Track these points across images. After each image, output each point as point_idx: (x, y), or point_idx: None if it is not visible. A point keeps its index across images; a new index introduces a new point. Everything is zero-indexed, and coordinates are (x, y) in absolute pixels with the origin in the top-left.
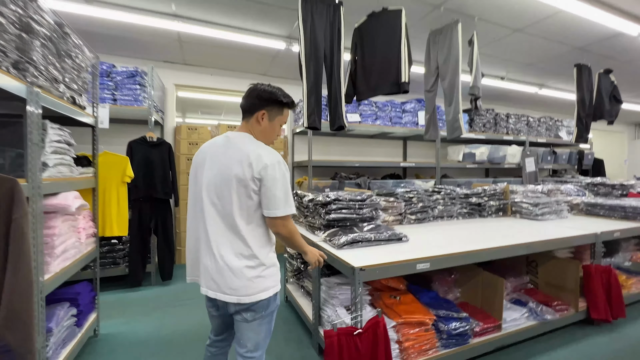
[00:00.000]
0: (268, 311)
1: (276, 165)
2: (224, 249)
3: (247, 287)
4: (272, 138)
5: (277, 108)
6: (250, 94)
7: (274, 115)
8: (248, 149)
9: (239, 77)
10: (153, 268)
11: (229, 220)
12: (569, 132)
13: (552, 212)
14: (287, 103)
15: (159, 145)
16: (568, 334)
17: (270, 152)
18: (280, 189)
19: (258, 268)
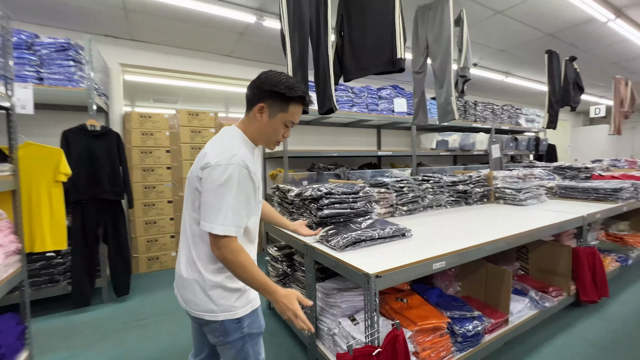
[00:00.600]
0: (231, 338)
1: (222, 167)
2: (181, 253)
3: (194, 302)
4: (273, 139)
5: (279, 102)
6: (254, 82)
7: (276, 110)
8: (209, 143)
9: (199, 57)
10: (104, 282)
11: (185, 220)
12: (528, 120)
13: (533, 196)
14: (292, 97)
15: (103, 136)
16: (562, 319)
17: (227, 150)
18: (216, 198)
19: (203, 284)
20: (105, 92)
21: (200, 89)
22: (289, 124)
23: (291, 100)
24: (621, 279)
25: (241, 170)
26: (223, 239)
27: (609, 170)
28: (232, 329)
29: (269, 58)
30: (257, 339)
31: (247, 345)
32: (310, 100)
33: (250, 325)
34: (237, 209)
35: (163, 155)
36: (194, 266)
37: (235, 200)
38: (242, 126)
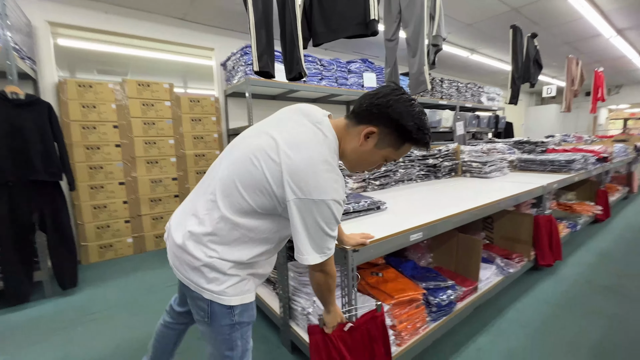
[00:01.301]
0: (217, 323)
1: (320, 203)
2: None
3: (181, 268)
4: (363, 168)
5: (396, 136)
6: (376, 96)
7: (387, 143)
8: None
9: (147, 19)
10: (45, 275)
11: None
12: (489, 98)
13: (497, 169)
14: (416, 139)
15: (30, 106)
16: (522, 282)
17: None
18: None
19: (198, 259)
20: (30, 55)
21: (151, 58)
22: (390, 158)
23: (410, 142)
24: (571, 243)
25: (339, 207)
26: (327, 264)
27: (560, 144)
28: (221, 314)
29: (228, 23)
30: (247, 328)
31: (236, 334)
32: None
33: (241, 313)
34: (332, 239)
35: (110, 131)
36: (199, 242)
37: (328, 230)
38: (338, 132)
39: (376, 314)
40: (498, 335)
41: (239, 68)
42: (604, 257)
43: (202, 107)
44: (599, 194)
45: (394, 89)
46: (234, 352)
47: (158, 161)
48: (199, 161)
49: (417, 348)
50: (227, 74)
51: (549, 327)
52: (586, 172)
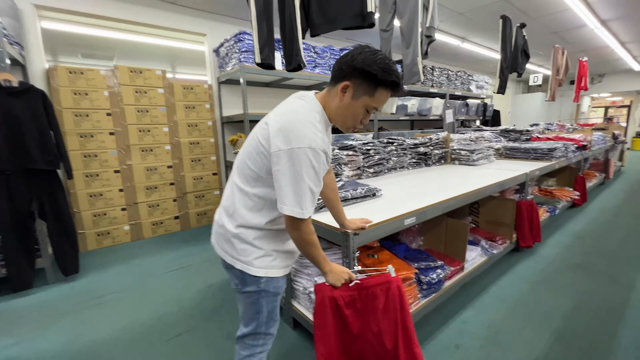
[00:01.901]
0: (247, 289)
1: (296, 151)
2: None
3: (218, 243)
4: (350, 122)
5: (368, 84)
6: (344, 57)
7: (361, 92)
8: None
9: (136, 2)
10: (47, 262)
11: (235, 173)
12: (478, 86)
13: (484, 157)
14: (383, 81)
15: (24, 94)
16: (504, 263)
17: (300, 128)
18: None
19: (229, 231)
20: (18, 40)
21: (139, 43)
22: (371, 109)
23: (380, 84)
24: (550, 226)
25: (319, 156)
26: (306, 222)
27: (544, 133)
28: (250, 281)
29: (221, 8)
30: (274, 298)
31: (262, 300)
32: (403, 91)
33: (267, 282)
34: (311, 193)
35: (103, 118)
36: (229, 215)
37: (308, 183)
38: (322, 100)
39: (390, 277)
40: (481, 309)
41: (233, 55)
42: (578, 239)
43: (196, 95)
44: (577, 180)
45: (359, 46)
46: (260, 315)
47: (153, 149)
48: (193, 149)
49: None
50: (220, 60)
51: (526, 301)
52: (566, 159)
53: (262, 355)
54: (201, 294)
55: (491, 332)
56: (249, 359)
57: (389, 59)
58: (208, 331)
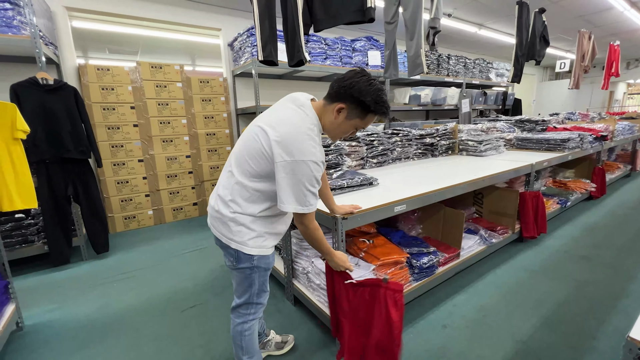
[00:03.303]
0: (241, 265)
1: (300, 164)
2: (218, 186)
3: (216, 225)
4: (339, 136)
5: (360, 110)
6: (342, 80)
7: (354, 115)
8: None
9: (157, 1)
10: (82, 241)
11: (232, 165)
12: (497, 74)
13: (492, 148)
14: (374, 111)
15: (59, 90)
16: (506, 252)
17: (302, 140)
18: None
19: (225, 216)
20: (52, 41)
21: (160, 38)
22: (358, 127)
23: (371, 112)
24: (561, 218)
25: (318, 167)
26: (310, 217)
27: (563, 123)
28: (244, 259)
29: (234, 3)
30: (265, 273)
31: (255, 275)
32: (389, 114)
33: (259, 260)
34: (313, 194)
35: (128, 111)
36: (224, 202)
37: (309, 186)
38: (318, 111)
39: (381, 283)
40: (474, 294)
41: (246, 49)
42: (588, 231)
43: (212, 88)
44: (595, 171)
45: (356, 73)
46: (253, 288)
47: (172, 140)
48: (210, 140)
49: None
50: (234, 54)
51: (521, 288)
52: (581, 150)
53: (254, 322)
54: (213, 273)
55: (480, 315)
56: (243, 325)
57: (382, 89)
58: (217, 305)
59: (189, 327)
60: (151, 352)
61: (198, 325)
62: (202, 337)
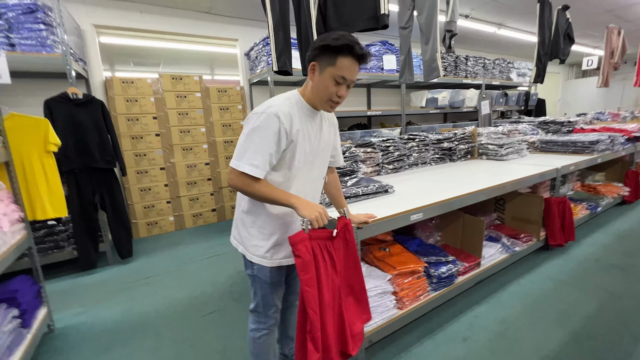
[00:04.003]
0: (246, 271)
1: (256, 115)
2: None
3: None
4: (325, 97)
5: (328, 56)
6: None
7: (324, 65)
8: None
9: (177, 15)
10: (108, 247)
11: None
12: (519, 74)
13: (514, 151)
14: (337, 47)
15: (87, 104)
16: (530, 261)
17: (267, 103)
18: (244, 139)
19: (237, 216)
20: (82, 57)
21: (181, 50)
22: (339, 79)
23: (338, 52)
24: (590, 225)
25: (271, 119)
26: (239, 173)
27: (592, 123)
28: (247, 264)
29: (251, 14)
30: (265, 286)
31: (256, 284)
32: (364, 53)
33: (259, 269)
34: (255, 150)
35: (150, 122)
36: (237, 203)
37: (258, 143)
38: (302, 89)
39: (346, 220)
40: (496, 305)
41: (262, 58)
42: (621, 238)
43: (229, 97)
44: (629, 174)
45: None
46: (256, 296)
47: (192, 148)
48: (227, 147)
49: (418, 312)
50: (250, 63)
51: (546, 299)
52: (612, 153)
53: (266, 333)
54: (232, 278)
55: (502, 327)
56: (253, 333)
57: (343, 33)
58: (236, 310)
59: (207, 332)
60: (171, 356)
61: (216, 331)
62: (220, 342)
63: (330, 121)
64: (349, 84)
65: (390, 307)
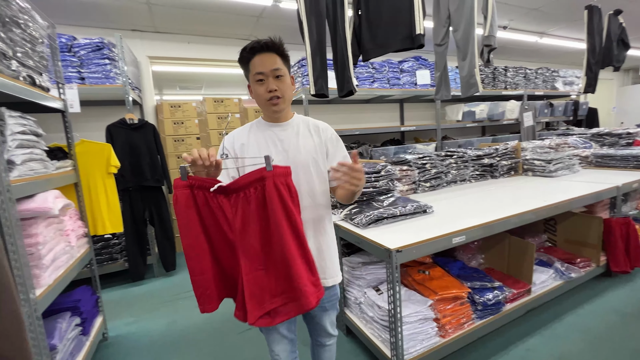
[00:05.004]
0: None
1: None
2: None
3: None
4: (261, 101)
5: (245, 69)
6: None
7: (248, 77)
8: None
9: (220, 43)
10: (154, 260)
11: None
12: (565, 83)
13: (564, 167)
14: (242, 58)
15: (141, 128)
16: (589, 289)
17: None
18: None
19: None
20: (137, 85)
21: (222, 73)
22: (258, 77)
23: (247, 60)
24: None
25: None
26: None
27: None
28: None
29: (288, 39)
30: (265, 330)
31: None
32: (265, 42)
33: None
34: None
35: (194, 142)
36: None
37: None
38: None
39: (265, 173)
40: (552, 339)
41: (296, 79)
42: None
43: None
44: None
45: None
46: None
47: None
48: None
49: (461, 342)
50: None
51: (612, 335)
52: None
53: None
54: None
55: None
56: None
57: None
58: None
59: (242, 350)
60: None
61: (251, 349)
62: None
63: (316, 132)
64: (273, 75)
65: (432, 335)
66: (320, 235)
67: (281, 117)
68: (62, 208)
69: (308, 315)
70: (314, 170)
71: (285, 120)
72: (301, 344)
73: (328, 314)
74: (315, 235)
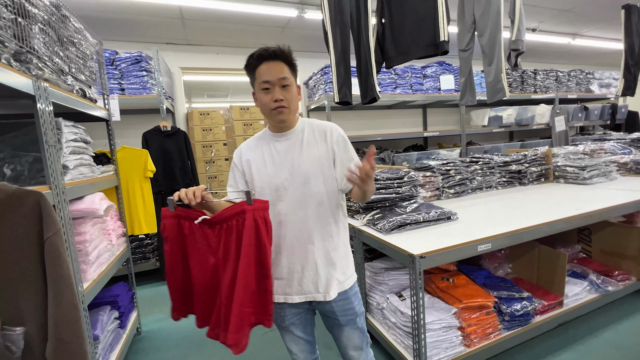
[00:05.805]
0: None
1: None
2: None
3: None
4: (266, 110)
5: (250, 77)
6: None
7: (253, 86)
8: None
9: (247, 53)
10: None
11: None
12: (602, 85)
13: (600, 174)
14: (248, 65)
15: (174, 135)
16: (629, 304)
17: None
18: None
19: None
20: (170, 94)
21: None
22: (264, 85)
23: (253, 67)
24: None
25: (234, 156)
26: None
27: None
28: None
29: (313, 47)
30: (280, 330)
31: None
32: (273, 50)
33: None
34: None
35: (221, 148)
36: None
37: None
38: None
39: (245, 207)
40: (586, 354)
41: (320, 86)
42: None
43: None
44: None
45: None
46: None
47: None
48: None
49: (488, 353)
50: (309, 91)
51: None
52: None
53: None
54: None
55: None
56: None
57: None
58: None
59: (265, 350)
60: None
61: (273, 350)
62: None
63: (322, 137)
64: (280, 84)
65: (456, 344)
66: (327, 242)
67: (286, 126)
68: (106, 209)
69: (334, 327)
70: (321, 178)
71: (290, 129)
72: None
73: (343, 330)
74: (323, 242)
